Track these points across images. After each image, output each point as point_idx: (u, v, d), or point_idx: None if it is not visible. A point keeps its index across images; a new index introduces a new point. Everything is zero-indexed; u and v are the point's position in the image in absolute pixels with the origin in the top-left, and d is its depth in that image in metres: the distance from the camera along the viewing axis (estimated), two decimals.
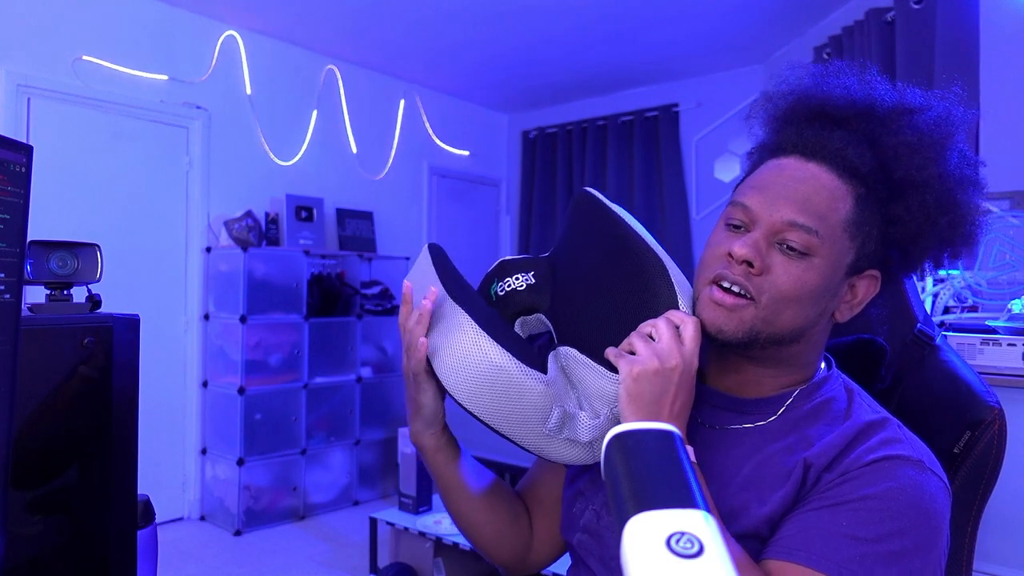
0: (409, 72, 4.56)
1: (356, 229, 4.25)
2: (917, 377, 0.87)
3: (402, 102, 4.68)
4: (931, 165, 0.74)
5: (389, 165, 4.60)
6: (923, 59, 3.09)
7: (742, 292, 0.73)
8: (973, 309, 2.35)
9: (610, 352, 0.74)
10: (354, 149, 4.38)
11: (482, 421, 0.77)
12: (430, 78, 4.70)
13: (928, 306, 2.43)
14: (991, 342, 1.93)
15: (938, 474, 0.70)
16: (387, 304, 4.18)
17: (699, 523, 0.37)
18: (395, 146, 4.63)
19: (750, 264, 0.73)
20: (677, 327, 0.74)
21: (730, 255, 0.74)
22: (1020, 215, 2.25)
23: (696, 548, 0.35)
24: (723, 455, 0.77)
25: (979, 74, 2.81)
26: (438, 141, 4.94)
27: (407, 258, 4.45)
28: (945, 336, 2.07)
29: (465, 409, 0.77)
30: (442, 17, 3.69)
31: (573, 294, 0.84)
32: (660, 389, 0.71)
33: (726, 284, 0.74)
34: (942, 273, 2.41)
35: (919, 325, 0.89)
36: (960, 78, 2.92)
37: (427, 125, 4.84)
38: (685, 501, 0.38)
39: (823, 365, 0.83)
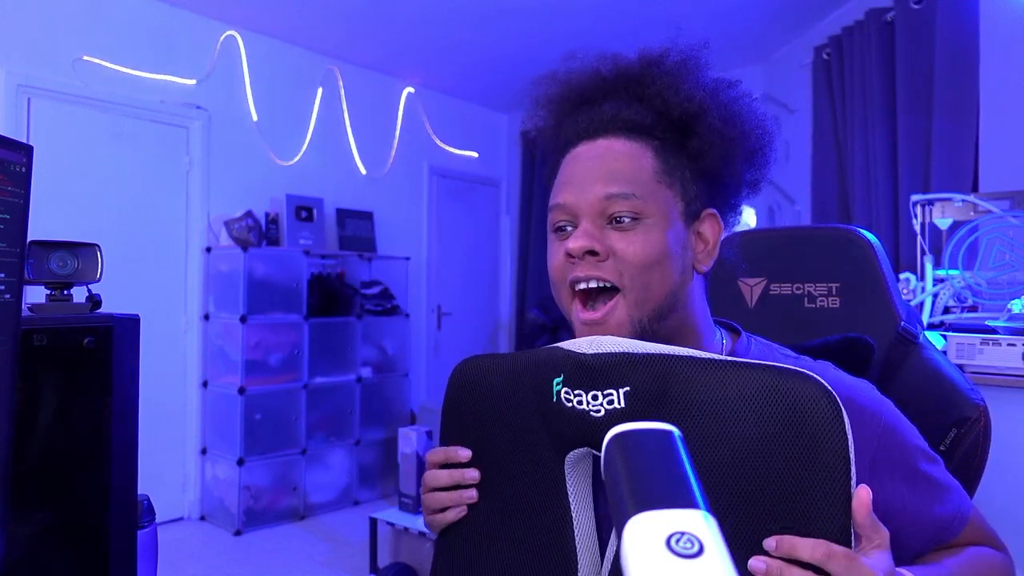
0: (409, 72, 4.56)
1: (356, 229, 4.25)
2: (902, 376, 0.86)
3: (402, 102, 4.68)
4: (696, 92, 0.77)
5: (389, 165, 4.60)
6: (923, 59, 3.09)
7: (601, 285, 0.72)
8: (973, 309, 2.34)
9: None
10: (354, 149, 4.38)
11: None
12: (430, 78, 4.70)
13: (928, 306, 2.42)
14: (991, 342, 1.92)
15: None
16: (387, 304, 4.18)
17: (699, 523, 0.37)
18: (395, 146, 4.63)
19: (593, 252, 0.71)
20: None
21: (569, 255, 0.72)
22: (1020, 215, 2.25)
23: (696, 548, 0.35)
24: None
25: (979, 74, 2.80)
26: (438, 141, 4.94)
27: (407, 258, 4.45)
28: (933, 335, 2.08)
29: None
30: (442, 17, 3.69)
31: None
32: None
33: (582, 285, 0.72)
34: (941, 273, 2.41)
35: (902, 323, 0.88)
36: (960, 78, 2.93)
37: (427, 125, 4.84)
38: (685, 501, 0.38)
39: (724, 335, 0.81)
